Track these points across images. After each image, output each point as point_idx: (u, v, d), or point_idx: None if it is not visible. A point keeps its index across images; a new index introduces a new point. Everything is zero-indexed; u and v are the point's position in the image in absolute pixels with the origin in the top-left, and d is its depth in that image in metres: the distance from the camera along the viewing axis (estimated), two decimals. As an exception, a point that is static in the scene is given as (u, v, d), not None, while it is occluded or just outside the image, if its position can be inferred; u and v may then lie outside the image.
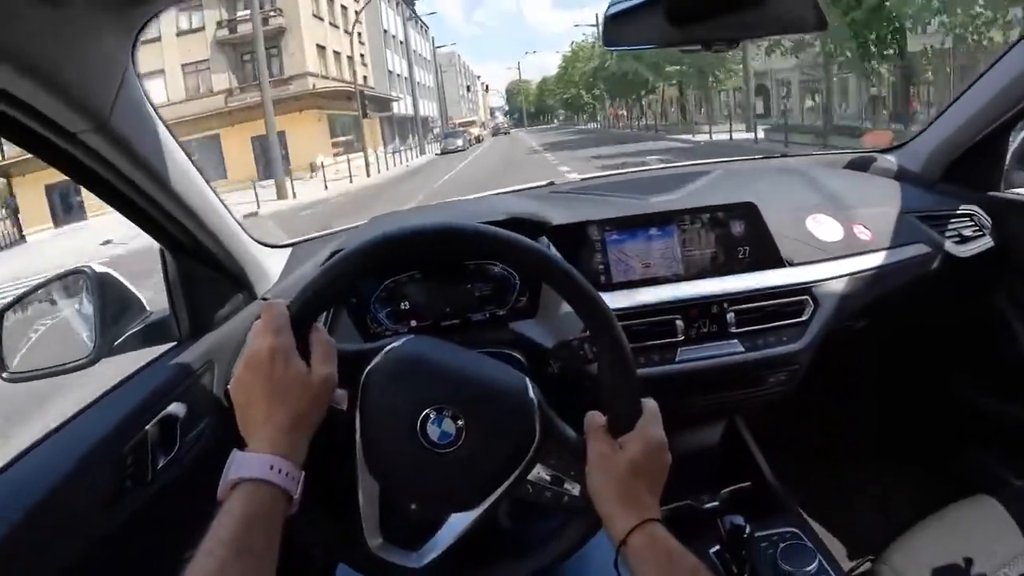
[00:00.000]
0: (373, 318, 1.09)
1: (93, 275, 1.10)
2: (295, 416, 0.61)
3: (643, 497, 0.64)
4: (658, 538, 0.62)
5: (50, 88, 0.68)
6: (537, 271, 0.69)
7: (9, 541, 0.70)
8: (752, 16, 0.95)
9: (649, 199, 1.19)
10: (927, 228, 1.25)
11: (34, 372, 1.18)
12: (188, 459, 0.99)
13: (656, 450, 0.66)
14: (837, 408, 1.60)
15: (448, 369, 0.69)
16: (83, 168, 0.83)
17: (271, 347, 0.62)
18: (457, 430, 0.66)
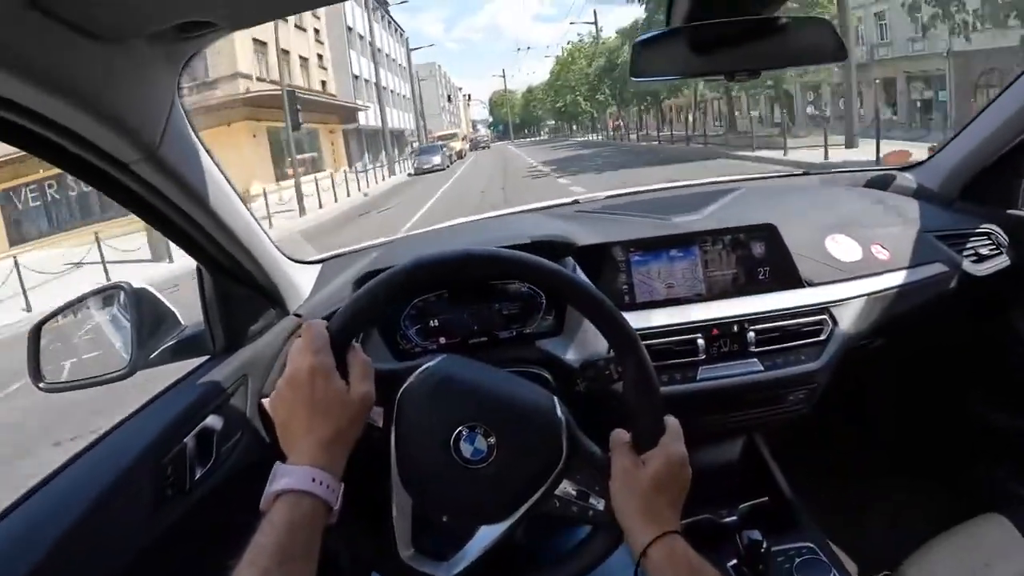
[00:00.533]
0: (403, 335, 1.12)
1: (130, 290, 1.14)
2: (335, 431, 0.64)
3: (664, 511, 0.67)
4: (677, 550, 0.64)
5: (104, 121, 0.70)
6: (564, 294, 0.73)
7: (58, 549, 0.73)
8: (773, 47, 0.98)
9: (672, 219, 1.21)
10: (945, 247, 1.26)
11: (70, 383, 1.22)
12: (224, 470, 1.02)
13: (677, 466, 0.68)
14: (853, 425, 1.61)
15: (481, 388, 0.72)
16: (134, 195, 0.86)
17: (311, 366, 0.65)
18: (489, 447, 0.69)
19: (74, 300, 1.23)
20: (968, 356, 1.52)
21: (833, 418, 1.38)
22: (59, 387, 1.16)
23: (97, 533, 0.79)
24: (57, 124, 0.69)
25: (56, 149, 0.74)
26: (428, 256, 0.70)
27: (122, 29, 0.66)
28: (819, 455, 1.53)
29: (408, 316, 1.12)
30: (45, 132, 0.69)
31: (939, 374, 1.57)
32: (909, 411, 1.62)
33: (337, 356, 0.68)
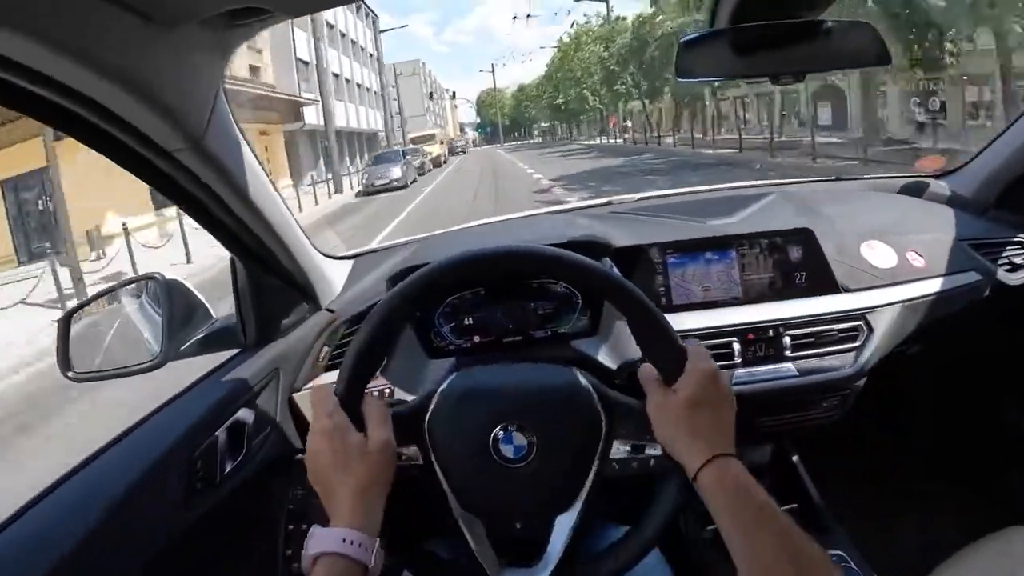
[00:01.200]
0: (437, 333, 1.12)
1: (163, 281, 1.14)
2: (361, 486, 0.65)
3: (707, 433, 0.66)
4: (726, 473, 0.63)
5: (151, 106, 0.70)
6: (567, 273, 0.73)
7: (87, 540, 0.73)
8: (816, 49, 0.97)
9: (707, 222, 1.21)
10: (979, 256, 1.25)
11: (100, 373, 1.22)
12: (254, 464, 1.02)
13: (709, 382, 0.67)
14: (884, 432, 1.60)
15: (501, 389, 0.73)
16: (175, 184, 0.86)
17: (323, 428, 0.68)
18: (528, 442, 0.69)
19: (105, 290, 1.23)
20: (1002, 364, 1.51)
21: (864, 425, 1.37)
22: (88, 376, 1.16)
23: (127, 525, 0.79)
24: (104, 108, 0.68)
25: (100, 134, 0.73)
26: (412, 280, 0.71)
27: (177, 12, 0.65)
28: (850, 462, 1.52)
29: (443, 314, 1.12)
30: (90, 116, 0.69)
31: (972, 382, 1.56)
32: (941, 419, 1.61)
33: (350, 411, 0.69)
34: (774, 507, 0.61)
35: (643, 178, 14.87)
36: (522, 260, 0.73)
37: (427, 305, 1.12)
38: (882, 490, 1.56)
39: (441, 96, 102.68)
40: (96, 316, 1.25)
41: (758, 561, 0.59)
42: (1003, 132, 1.38)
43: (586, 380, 0.73)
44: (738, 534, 0.61)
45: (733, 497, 0.62)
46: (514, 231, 1.44)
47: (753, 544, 0.60)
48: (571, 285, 1.11)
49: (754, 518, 0.61)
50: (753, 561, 0.59)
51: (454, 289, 1.12)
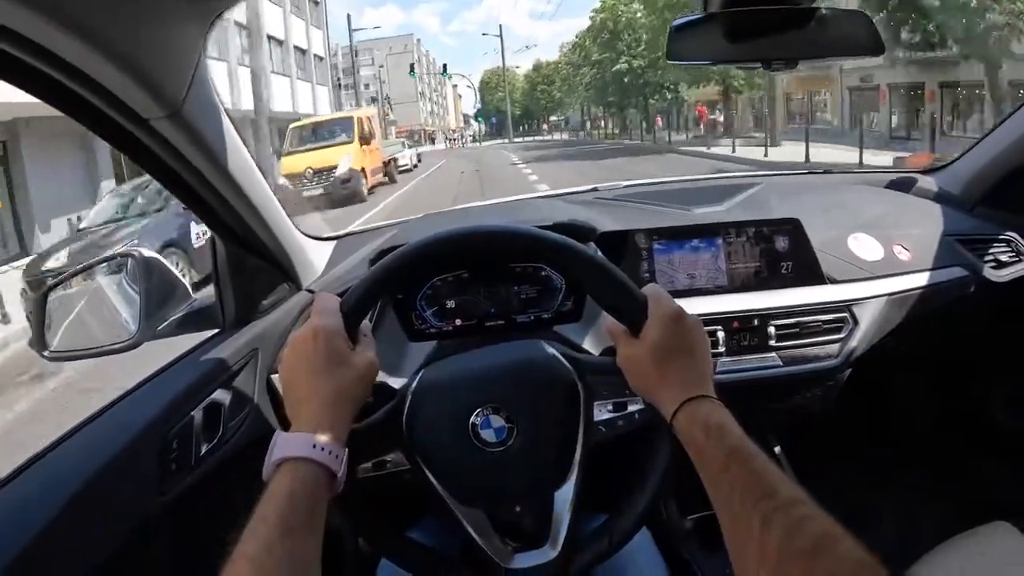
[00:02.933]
0: (419, 315, 1.11)
1: (140, 258, 1.12)
2: (336, 392, 0.63)
3: (678, 377, 0.64)
4: (697, 415, 0.61)
5: (128, 72, 0.68)
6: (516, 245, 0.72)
7: (57, 522, 0.71)
8: (809, 37, 0.97)
9: (694, 210, 1.20)
10: (966, 252, 1.26)
11: (76, 352, 1.20)
12: (231, 446, 1.01)
13: (674, 324, 0.65)
14: (868, 425, 1.60)
15: (469, 375, 0.73)
16: (151, 154, 0.84)
17: (314, 327, 0.64)
18: (506, 422, 0.68)
19: (82, 267, 1.21)
20: (986, 360, 1.52)
21: (847, 417, 1.37)
22: (64, 355, 1.14)
23: (98, 505, 0.77)
24: (79, 72, 0.66)
25: (76, 100, 0.71)
26: (443, 234, 0.69)
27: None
28: (831, 454, 1.52)
29: (425, 296, 1.11)
30: (67, 80, 0.67)
31: (956, 377, 1.57)
32: (924, 413, 1.62)
33: (348, 325, 0.66)
34: (747, 449, 0.58)
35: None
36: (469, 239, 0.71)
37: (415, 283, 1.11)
38: (863, 483, 1.57)
39: (442, 82, 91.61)
40: (72, 293, 1.23)
41: (727, 509, 0.55)
42: (992, 130, 1.39)
43: (552, 348, 0.72)
44: (709, 479, 0.58)
45: (704, 440, 0.59)
46: (500, 214, 1.42)
47: (722, 488, 0.57)
48: (524, 259, 1.10)
49: (723, 462, 0.57)
50: (723, 509, 0.56)
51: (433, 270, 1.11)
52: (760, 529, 0.50)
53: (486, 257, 1.10)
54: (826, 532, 0.49)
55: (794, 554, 0.48)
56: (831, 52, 0.99)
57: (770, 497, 0.52)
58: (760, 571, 0.50)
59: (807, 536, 0.49)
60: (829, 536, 0.49)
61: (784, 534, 0.49)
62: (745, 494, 0.54)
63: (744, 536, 0.52)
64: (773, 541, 0.49)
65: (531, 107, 74.13)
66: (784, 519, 0.50)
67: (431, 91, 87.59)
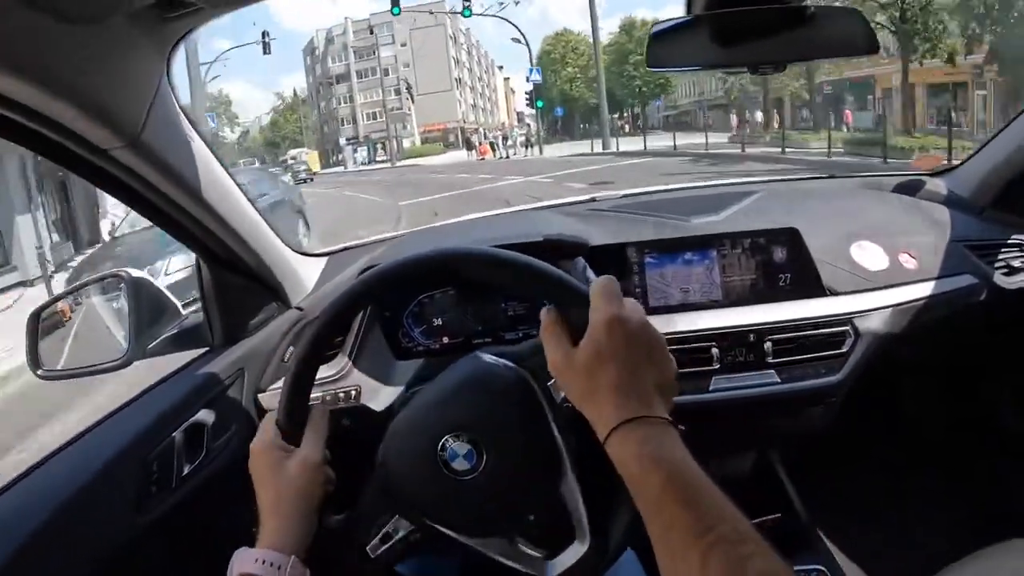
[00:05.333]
0: (405, 333, 1.09)
1: (129, 280, 1.12)
2: (274, 501, 0.68)
3: (611, 393, 0.56)
4: (629, 442, 0.53)
5: (80, 106, 0.67)
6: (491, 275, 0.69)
7: (36, 540, 0.71)
8: (800, 37, 0.93)
9: (691, 220, 1.16)
10: (975, 258, 1.20)
11: (68, 371, 1.21)
12: (215, 466, 1.00)
13: (606, 329, 0.57)
14: (872, 442, 1.55)
15: (423, 410, 0.72)
16: (117, 182, 0.83)
17: (253, 447, 0.71)
18: (472, 445, 0.66)
19: (73, 287, 1.22)
20: (996, 371, 1.45)
21: (850, 434, 1.32)
22: (57, 375, 1.15)
23: (73, 530, 0.76)
24: (30, 109, 0.65)
25: (29, 133, 0.70)
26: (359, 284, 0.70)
27: (97, 8, 0.62)
28: (835, 472, 1.47)
29: (412, 314, 1.09)
30: (16, 116, 0.66)
31: (964, 391, 1.51)
32: (931, 428, 1.55)
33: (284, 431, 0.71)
34: (685, 478, 0.51)
35: None
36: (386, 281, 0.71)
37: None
38: (870, 501, 1.51)
39: (491, 71, 73.13)
40: (64, 314, 1.24)
41: (664, 545, 0.50)
42: (1001, 130, 1.33)
43: (486, 356, 0.72)
44: (644, 512, 0.52)
45: (637, 470, 0.52)
46: (489, 228, 1.40)
47: (657, 523, 0.51)
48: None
49: (657, 495, 0.51)
50: (659, 543, 0.50)
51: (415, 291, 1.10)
52: (699, 567, 0.46)
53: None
54: (768, 571, 0.45)
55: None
56: (824, 53, 0.96)
57: (709, 532, 0.47)
58: None
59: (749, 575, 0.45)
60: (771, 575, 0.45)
61: (725, 573, 0.45)
62: (683, 530, 0.48)
63: (681, 572, 0.48)
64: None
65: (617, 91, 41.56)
66: (724, 556, 0.46)
67: (474, 78, 65.36)
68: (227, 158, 12.04)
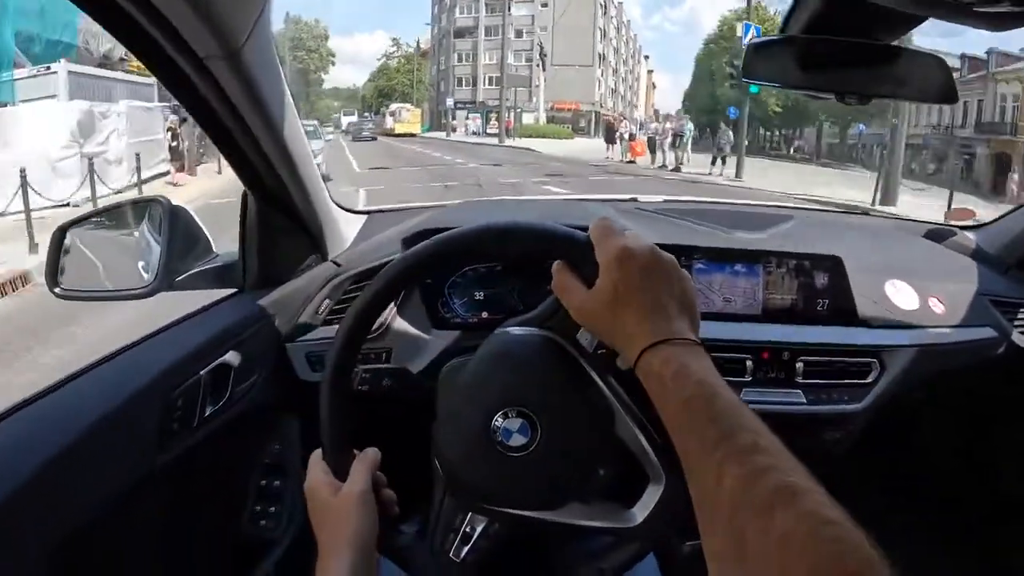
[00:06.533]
0: (445, 303, 1.08)
1: (167, 206, 1.09)
2: (329, 542, 0.65)
3: (635, 323, 0.57)
4: (654, 364, 0.54)
5: (195, 6, 0.66)
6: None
7: (51, 464, 0.68)
8: (882, 74, 0.95)
9: (735, 234, 1.18)
10: (997, 313, 1.24)
11: (88, 292, 1.17)
12: (236, 410, 0.98)
13: (618, 265, 0.58)
14: (882, 473, 1.58)
15: (464, 397, 0.70)
16: (198, 97, 0.82)
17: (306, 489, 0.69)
18: (523, 419, 0.66)
19: (106, 207, 1.18)
20: (1005, 425, 1.49)
21: (863, 462, 1.35)
22: (75, 295, 1.11)
23: (92, 458, 0.73)
24: (146, 3, 0.64)
25: (134, 29, 0.69)
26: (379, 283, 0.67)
27: None
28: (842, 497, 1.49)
29: (454, 284, 1.08)
30: (128, 7, 0.65)
31: (974, 437, 1.55)
32: (940, 468, 1.59)
33: (334, 467, 0.68)
34: (707, 392, 0.51)
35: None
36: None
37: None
38: (872, 531, 1.54)
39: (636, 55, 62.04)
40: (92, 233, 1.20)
41: (686, 461, 0.50)
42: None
43: (511, 328, 0.71)
44: (670, 430, 0.52)
45: (661, 389, 0.53)
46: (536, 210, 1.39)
47: (679, 438, 0.51)
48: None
49: (680, 409, 0.51)
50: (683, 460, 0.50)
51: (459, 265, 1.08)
52: (714, 481, 0.45)
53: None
54: (783, 485, 0.42)
55: (746, 510, 0.42)
56: (903, 93, 0.97)
57: (724, 444, 0.46)
58: (713, 527, 0.44)
59: (762, 489, 0.42)
60: (787, 489, 0.42)
61: (738, 486, 0.43)
62: (700, 443, 0.48)
63: (700, 488, 0.47)
64: (725, 494, 0.44)
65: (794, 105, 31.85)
66: (738, 469, 0.44)
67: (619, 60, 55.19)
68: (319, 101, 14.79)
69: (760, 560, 0.40)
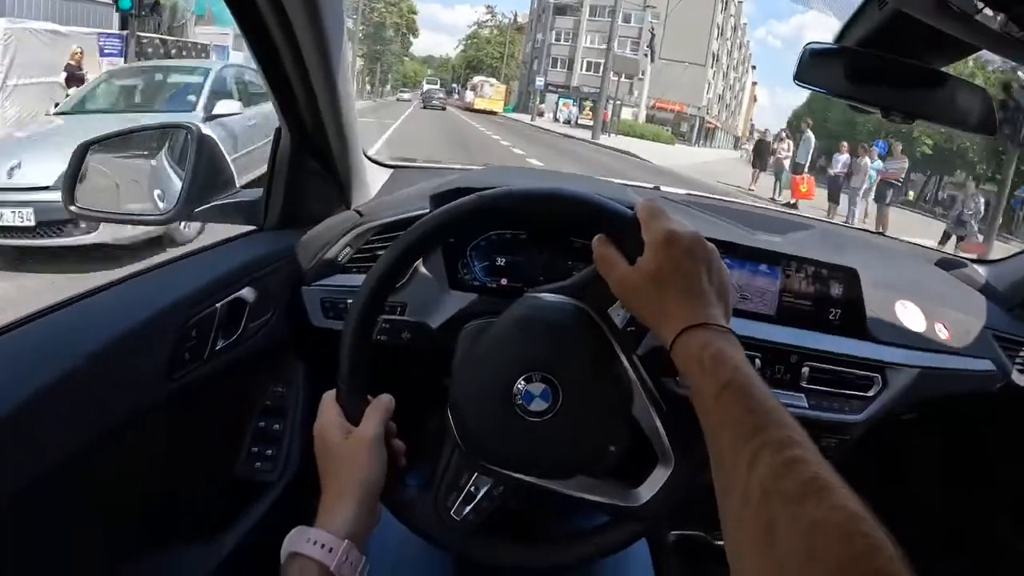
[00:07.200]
0: (465, 265, 1.08)
1: (196, 134, 1.07)
2: (334, 485, 0.65)
3: (675, 304, 0.59)
4: (692, 346, 0.57)
5: None
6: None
7: (62, 379, 0.67)
8: (924, 97, 0.96)
9: (756, 235, 1.19)
10: (998, 348, 1.26)
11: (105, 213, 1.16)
12: (246, 346, 0.97)
13: (666, 247, 0.61)
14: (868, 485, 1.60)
15: (489, 356, 0.70)
16: (261, 22, 0.81)
17: (316, 429, 0.69)
18: (546, 384, 0.67)
19: (132, 128, 1.15)
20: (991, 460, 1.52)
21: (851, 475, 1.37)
22: (90, 214, 1.09)
23: (104, 374, 0.72)
24: None
25: None
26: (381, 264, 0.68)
27: None
28: None
29: (477, 247, 1.08)
30: None
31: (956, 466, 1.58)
32: (925, 491, 1.62)
33: (347, 409, 0.69)
34: (742, 381, 0.53)
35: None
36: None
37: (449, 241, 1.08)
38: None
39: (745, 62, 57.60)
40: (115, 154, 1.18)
41: (715, 445, 0.52)
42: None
43: (544, 294, 0.71)
44: (701, 413, 0.55)
45: (698, 372, 0.55)
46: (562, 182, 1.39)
47: (711, 423, 0.53)
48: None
49: (714, 395, 0.53)
50: (712, 444, 0.52)
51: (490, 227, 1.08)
52: (746, 468, 0.47)
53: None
54: (816, 476, 0.44)
55: (778, 497, 0.44)
56: (943, 119, 0.98)
57: (760, 434, 0.48)
58: (742, 513, 0.46)
59: (794, 479, 0.44)
60: (819, 481, 0.44)
61: (770, 475, 0.45)
62: (735, 430, 0.50)
63: (729, 474, 0.49)
64: (757, 481, 0.45)
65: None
66: (771, 459, 0.46)
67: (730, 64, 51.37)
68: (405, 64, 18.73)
69: (790, 547, 0.41)
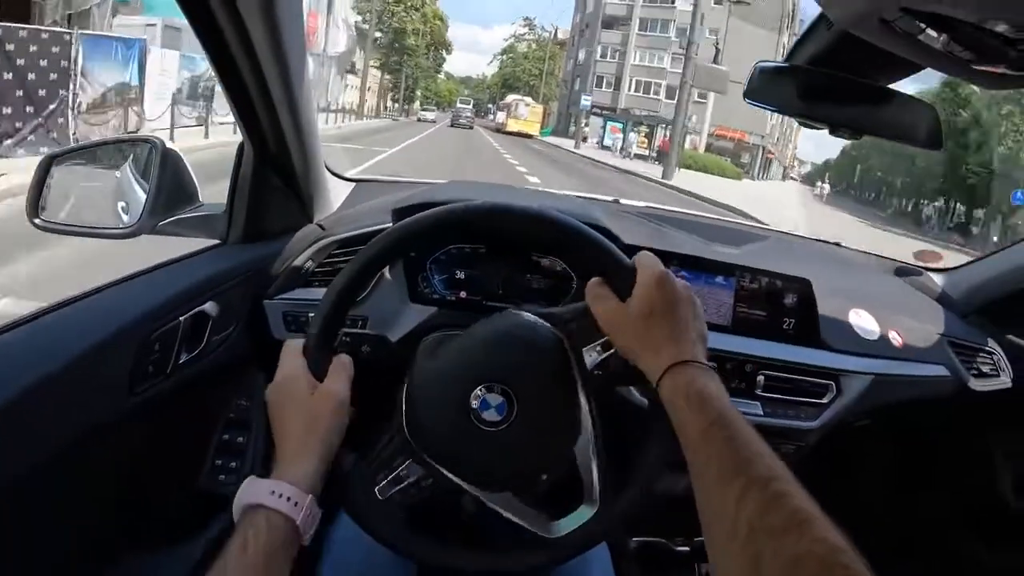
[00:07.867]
0: (425, 278, 1.09)
1: (160, 148, 1.08)
2: (297, 435, 0.64)
3: (663, 340, 0.63)
4: (679, 382, 0.60)
5: None
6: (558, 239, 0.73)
7: (28, 394, 0.67)
8: (873, 113, 0.99)
9: (712, 246, 1.21)
10: (952, 354, 1.30)
11: (69, 227, 1.15)
12: (209, 360, 0.98)
13: (658, 286, 0.65)
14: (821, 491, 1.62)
15: (458, 358, 0.72)
16: (218, 35, 0.81)
17: (278, 378, 0.69)
18: (504, 398, 0.68)
19: (96, 142, 1.16)
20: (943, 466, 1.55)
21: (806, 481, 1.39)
22: (55, 227, 1.10)
23: (67, 389, 0.72)
24: None
25: None
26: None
27: None
28: None
29: (436, 260, 1.09)
30: None
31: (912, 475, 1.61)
32: (876, 497, 1.65)
33: (312, 363, 0.69)
34: (728, 418, 0.56)
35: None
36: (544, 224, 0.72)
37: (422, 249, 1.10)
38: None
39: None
40: (79, 167, 1.18)
41: (702, 480, 0.54)
42: (1005, 247, 1.43)
43: (527, 314, 0.74)
44: (687, 448, 0.57)
45: (685, 407, 0.59)
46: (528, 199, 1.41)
47: (699, 458, 0.55)
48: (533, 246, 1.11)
49: (702, 432, 0.56)
50: (698, 479, 0.54)
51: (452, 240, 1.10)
52: (734, 505, 0.49)
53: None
54: (798, 510, 0.47)
55: (763, 533, 0.46)
56: (891, 134, 1.01)
57: (746, 470, 0.51)
58: (729, 547, 0.48)
59: (779, 514, 0.47)
60: (800, 515, 0.47)
61: (756, 511, 0.48)
62: (722, 466, 0.53)
63: (717, 509, 0.51)
64: (745, 516, 0.48)
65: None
66: (758, 495, 0.49)
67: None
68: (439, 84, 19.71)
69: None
